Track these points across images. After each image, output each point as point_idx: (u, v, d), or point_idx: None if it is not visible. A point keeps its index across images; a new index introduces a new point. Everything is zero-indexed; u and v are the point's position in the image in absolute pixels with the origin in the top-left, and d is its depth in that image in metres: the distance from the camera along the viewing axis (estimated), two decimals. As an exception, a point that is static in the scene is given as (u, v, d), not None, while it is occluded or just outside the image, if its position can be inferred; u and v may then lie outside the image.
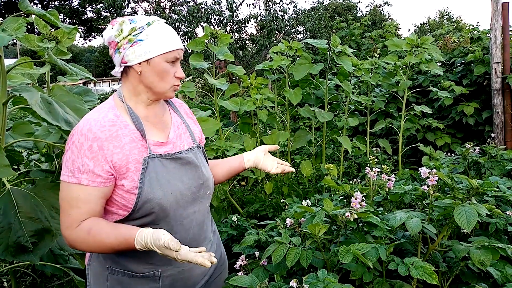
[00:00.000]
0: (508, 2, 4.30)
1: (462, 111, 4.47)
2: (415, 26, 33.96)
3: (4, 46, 1.46)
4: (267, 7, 10.65)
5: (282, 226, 1.49)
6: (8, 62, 1.67)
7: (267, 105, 3.12)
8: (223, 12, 10.07)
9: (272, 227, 1.58)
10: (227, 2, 9.92)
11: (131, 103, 1.25)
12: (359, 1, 36.15)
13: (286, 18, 10.62)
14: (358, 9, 22.43)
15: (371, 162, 2.39)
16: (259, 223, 2.04)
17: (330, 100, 3.46)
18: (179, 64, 1.27)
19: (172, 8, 10.73)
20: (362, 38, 8.07)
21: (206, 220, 1.36)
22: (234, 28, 10.48)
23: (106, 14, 12.39)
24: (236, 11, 10.30)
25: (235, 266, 1.37)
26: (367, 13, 21.88)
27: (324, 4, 12.37)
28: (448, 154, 3.76)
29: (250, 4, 11.10)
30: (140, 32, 1.19)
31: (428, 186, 1.34)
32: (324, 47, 3.11)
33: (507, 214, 1.49)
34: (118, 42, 1.20)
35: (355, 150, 3.68)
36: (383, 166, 2.04)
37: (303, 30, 11.59)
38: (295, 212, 1.43)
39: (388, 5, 23.65)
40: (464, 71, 4.75)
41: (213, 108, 3.06)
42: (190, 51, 3.04)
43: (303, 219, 1.43)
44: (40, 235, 1.56)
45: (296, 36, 12.02)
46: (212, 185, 1.38)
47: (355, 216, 1.23)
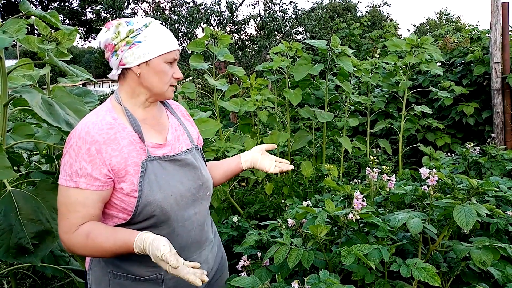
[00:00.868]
0: (508, 2, 4.30)
1: (462, 111, 4.47)
2: (414, 26, 34.01)
3: (4, 47, 1.46)
4: (267, 8, 10.66)
5: (284, 227, 1.49)
6: (8, 63, 1.67)
7: (267, 105, 3.13)
8: (223, 13, 10.07)
9: (273, 228, 1.57)
10: (226, 3, 9.92)
11: (129, 105, 1.23)
12: (359, 1, 36.10)
13: (285, 19, 10.62)
14: (358, 9, 22.46)
15: (371, 162, 2.39)
16: (260, 224, 2.03)
17: (330, 100, 3.46)
18: (176, 65, 1.28)
19: (172, 9, 10.74)
20: (362, 38, 8.07)
21: (207, 221, 1.36)
22: (234, 28, 10.48)
23: (105, 15, 12.39)
24: (236, 12, 10.31)
25: (236, 266, 1.37)
26: (367, 13, 21.91)
27: (323, 5, 12.40)
28: (448, 154, 3.77)
29: (249, 5, 11.08)
30: (138, 34, 1.18)
31: (429, 186, 1.34)
32: (324, 47, 3.11)
33: (508, 214, 1.49)
34: (116, 45, 1.18)
35: (355, 150, 3.68)
36: (383, 167, 2.04)
37: (302, 31, 11.59)
38: (297, 212, 1.43)
39: (387, 5, 23.71)
40: (464, 71, 4.75)
41: (213, 109, 3.06)
42: (190, 52, 3.04)
43: (304, 219, 1.43)
44: (41, 236, 1.56)
45: (295, 37, 12.03)
46: (212, 186, 1.37)
47: (358, 217, 1.23)
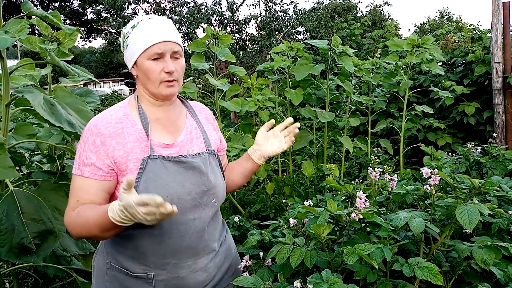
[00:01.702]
0: (509, 2, 4.30)
1: (463, 111, 4.47)
2: (415, 26, 33.95)
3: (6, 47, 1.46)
4: (268, 8, 10.66)
5: (285, 227, 1.49)
6: (9, 63, 1.67)
7: (268, 105, 3.13)
8: (224, 13, 10.07)
9: (274, 228, 1.57)
10: (227, 3, 9.93)
11: (143, 104, 1.29)
12: (359, 1, 36.17)
13: (286, 19, 10.62)
14: (358, 9, 22.47)
15: (372, 162, 2.39)
16: (261, 224, 2.04)
17: (331, 100, 3.46)
18: (169, 58, 1.21)
19: (173, 9, 10.75)
20: (363, 38, 8.07)
21: (209, 229, 1.31)
22: (235, 28, 10.49)
23: (106, 15, 12.41)
24: (237, 12, 10.31)
25: (239, 266, 1.37)
26: (367, 13, 21.89)
27: (324, 5, 12.39)
28: (450, 154, 3.77)
29: (250, 5, 11.10)
30: (127, 37, 1.23)
31: (430, 186, 1.34)
32: (325, 47, 3.11)
33: (510, 213, 1.49)
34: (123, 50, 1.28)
35: (356, 150, 3.68)
36: (384, 166, 2.04)
37: (303, 31, 11.60)
38: (299, 212, 1.42)
39: (388, 5, 23.71)
40: (465, 71, 4.75)
41: (214, 109, 3.07)
42: (191, 52, 3.04)
43: (306, 219, 1.43)
44: (43, 236, 1.56)
45: (296, 37, 12.03)
46: (220, 193, 1.33)
47: (360, 216, 1.23)
